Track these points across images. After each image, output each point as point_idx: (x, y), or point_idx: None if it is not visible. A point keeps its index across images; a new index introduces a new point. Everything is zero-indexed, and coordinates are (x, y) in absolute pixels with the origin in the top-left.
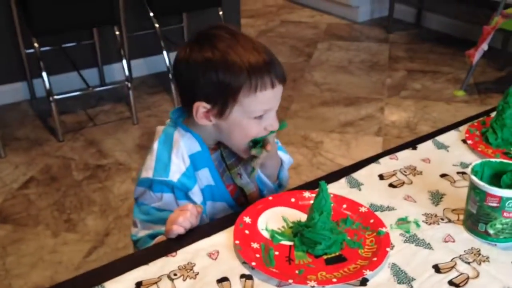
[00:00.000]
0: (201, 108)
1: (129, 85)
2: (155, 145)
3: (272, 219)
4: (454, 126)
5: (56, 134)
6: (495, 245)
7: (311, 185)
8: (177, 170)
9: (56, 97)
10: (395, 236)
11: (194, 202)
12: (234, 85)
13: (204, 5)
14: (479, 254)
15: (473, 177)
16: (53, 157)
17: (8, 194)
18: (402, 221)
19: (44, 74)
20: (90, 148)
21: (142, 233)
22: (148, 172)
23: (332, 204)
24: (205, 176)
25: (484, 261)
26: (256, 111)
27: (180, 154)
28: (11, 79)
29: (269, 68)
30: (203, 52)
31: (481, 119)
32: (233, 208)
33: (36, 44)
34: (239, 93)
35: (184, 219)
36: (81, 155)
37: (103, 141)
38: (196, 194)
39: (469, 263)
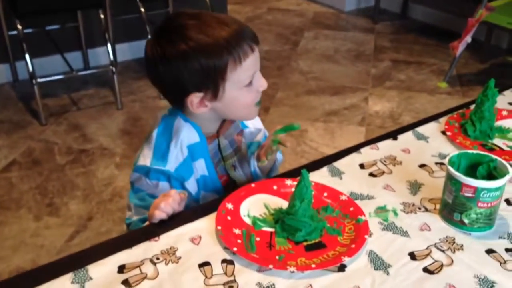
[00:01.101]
0: (194, 99)
1: (114, 69)
2: (154, 133)
3: (254, 206)
4: (434, 117)
5: (39, 117)
6: (470, 234)
7: (293, 173)
8: (175, 160)
9: (39, 80)
10: (374, 224)
11: (189, 192)
12: (219, 65)
13: None
14: (454, 243)
15: (450, 168)
16: (36, 140)
17: None
18: (381, 210)
19: (27, 56)
20: (73, 132)
21: (135, 217)
22: (145, 160)
23: (313, 192)
24: (201, 167)
25: (458, 249)
26: (245, 79)
27: (179, 145)
28: None
29: (243, 35)
30: (177, 46)
31: (460, 111)
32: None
33: (19, 26)
34: (227, 70)
35: (166, 204)
36: (64, 139)
37: (87, 125)
38: (191, 184)
39: (443, 251)
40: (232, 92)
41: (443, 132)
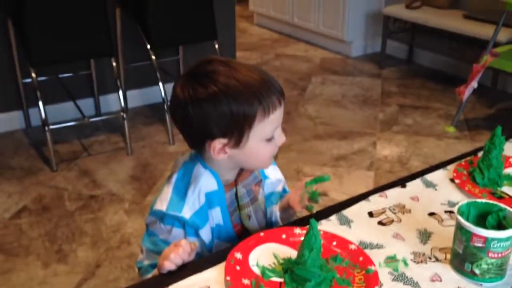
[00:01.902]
0: (217, 144)
1: (124, 115)
2: (174, 178)
3: (263, 255)
4: (443, 165)
5: (50, 163)
6: (481, 285)
7: (302, 222)
8: (191, 207)
9: (51, 126)
10: (384, 274)
11: (203, 241)
12: (249, 113)
13: (200, 39)
14: None
15: (459, 217)
16: (46, 186)
17: (0, 223)
18: (391, 259)
19: (40, 103)
20: (83, 178)
21: (146, 261)
22: (162, 204)
23: (322, 242)
24: (217, 215)
25: None
26: (268, 132)
27: (196, 192)
28: (7, 107)
29: (272, 87)
30: (208, 89)
31: (468, 158)
32: None
33: (33, 74)
34: (255, 119)
35: (175, 255)
36: (74, 185)
37: (97, 171)
38: (206, 233)
39: None
40: (254, 142)
41: (452, 180)
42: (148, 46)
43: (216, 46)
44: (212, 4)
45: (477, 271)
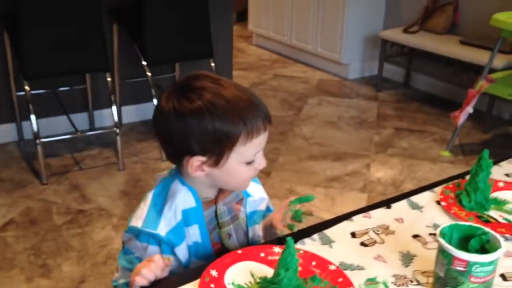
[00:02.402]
0: (195, 161)
1: (117, 130)
2: (150, 195)
3: (240, 274)
4: (429, 187)
5: (40, 176)
6: None
7: (282, 240)
8: (167, 224)
9: (43, 140)
10: None
11: (179, 259)
12: (232, 134)
13: (196, 57)
14: None
15: (441, 240)
16: (35, 200)
17: None
18: (371, 282)
19: (32, 116)
20: (73, 192)
21: (121, 280)
22: (137, 221)
23: (300, 261)
24: (194, 233)
25: None
26: (250, 156)
27: (173, 208)
28: (1, 120)
29: (260, 111)
30: (193, 103)
31: (456, 181)
32: None
33: (26, 87)
34: (237, 141)
35: (147, 271)
36: (63, 199)
37: (87, 185)
38: (182, 251)
39: None
40: (233, 164)
41: (438, 202)
42: (144, 63)
43: (213, 64)
44: (209, 22)
45: None
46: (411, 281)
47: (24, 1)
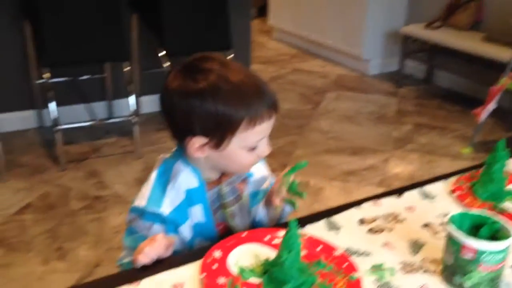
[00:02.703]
0: (197, 142)
1: (135, 119)
2: (153, 175)
3: (244, 256)
4: (443, 177)
5: (58, 163)
6: None
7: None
8: (170, 203)
9: (62, 127)
10: (368, 282)
11: (183, 238)
12: (234, 118)
13: (214, 47)
14: None
15: (450, 227)
16: (53, 185)
17: (4, 218)
18: (377, 268)
19: (52, 104)
20: (91, 179)
21: (127, 259)
22: (141, 201)
23: (302, 244)
24: (198, 213)
25: None
26: (252, 142)
27: (176, 188)
28: (22, 106)
29: (265, 98)
30: (199, 84)
31: (471, 172)
32: None
33: (46, 75)
34: (239, 127)
35: (150, 249)
36: (81, 185)
37: (105, 172)
38: (186, 230)
39: None
40: (235, 148)
41: (451, 193)
42: (163, 53)
43: (230, 56)
44: (228, 14)
45: (467, 285)
46: (419, 269)
47: None
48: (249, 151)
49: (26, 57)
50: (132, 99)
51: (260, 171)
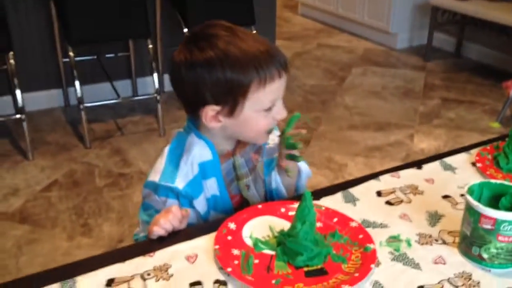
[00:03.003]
0: (210, 111)
1: (158, 97)
2: (166, 149)
3: (259, 228)
4: (465, 149)
5: (84, 141)
6: (489, 270)
7: None
8: (184, 177)
9: (86, 105)
10: (384, 253)
11: (198, 211)
12: (244, 82)
13: (237, 22)
14: (470, 279)
15: (468, 196)
16: (78, 162)
17: (31, 195)
18: (393, 239)
19: (76, 82)
20: (115, 156)
21: (142, 234)
22: (155, 176)
23: (317, 215)
24: (212, 186)
25: (474, 286)
26: (266, 103)
27: (189, 162)
28: (48, 86)
29: (274, 58)
30: (205, 53)
31: (494, 143)
32: None
33: (71, 53)
34: (249, 89)
35: (165, 221)
36: (105, 162)
37: (129, 150)
38: (200, 203)
39: (457, 286)
40: (249, 112)
41: (474, 164)
42: (185, 30)
43: (254, 32)
44: None
45: (485, 256)
46: (436, 240)
47: None
48: (265, 113)
49: (52, 37)
50: (155, 77)
51: (273, 139)
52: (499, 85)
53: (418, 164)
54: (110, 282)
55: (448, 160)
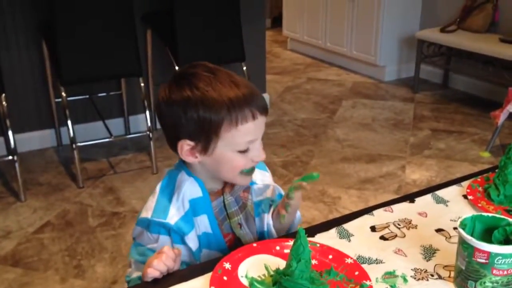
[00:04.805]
0: (185, 146)
1: (151, 135)
2: (158, 187)
3: (254, 267)
4: (456, 181)
5: (77, 180)
6: None
7: None
8: (175, 213)
9: (79, 144)
10: None
11: (189, 248)
12: (215, 120)
13: (228, 60)
14: None
15: (461, 231)
16: (71, 202)
17: (23, 237)
18: (389, 275)
19: (69, 122)
20: (108, 195)
21: (135, 274)
22: (147, 213)
23: (312, 253)
24: (203, 223)
25: None
26: (240, 144)
27: (180, 198)
28: (40, 126)
29: (249, 100)
30: (183, 92)
31: (485, 175)
32: None
33: (63, 94)
34: (221, 128)
35: (158, 262)
36: (98, 201)
37: (122, 189)
38: (192, 240)
39: None
40: (223, 152)
41: (465, 196)
42: (177, 68)
43: (244, 68)
44: (240, 27)
45: None
46: (432, 275)
47: (59, 9)
48: (241, 155)
49: (44, 77)
50: (147, 115)
51: (262, 179)
52: (487, 115)
53: (410, 197)
54: None
55: (440, 193)
